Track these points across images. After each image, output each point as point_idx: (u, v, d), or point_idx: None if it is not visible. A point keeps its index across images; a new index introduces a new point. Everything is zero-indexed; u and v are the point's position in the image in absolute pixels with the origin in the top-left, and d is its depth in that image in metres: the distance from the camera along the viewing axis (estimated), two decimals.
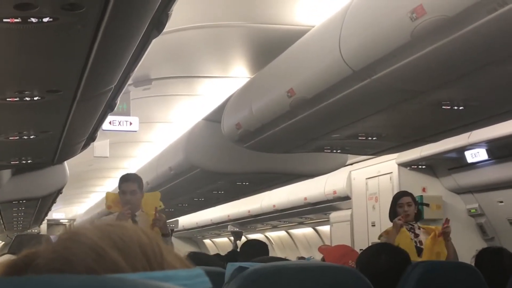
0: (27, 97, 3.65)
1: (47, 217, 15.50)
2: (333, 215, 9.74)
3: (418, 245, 4.82)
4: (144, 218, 4.38)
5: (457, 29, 3.07)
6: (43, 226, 19.23)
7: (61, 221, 21.13)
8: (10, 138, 4.79)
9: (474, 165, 7.11)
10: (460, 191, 7.68)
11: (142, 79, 6.27)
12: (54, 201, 10.60)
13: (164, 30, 3.26)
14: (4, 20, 2.53)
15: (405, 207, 4.93)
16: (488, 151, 6.80)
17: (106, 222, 0.70)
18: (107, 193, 4.86)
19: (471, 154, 6.96)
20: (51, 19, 2.55)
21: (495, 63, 3.47)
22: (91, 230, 0.66)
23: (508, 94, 4.13)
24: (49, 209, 11.98)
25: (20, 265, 0.66)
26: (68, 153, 6.15)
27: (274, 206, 11.31)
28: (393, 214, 4.97)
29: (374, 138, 5.42)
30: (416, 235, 4.89)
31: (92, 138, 5.82)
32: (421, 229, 4.97)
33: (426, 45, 3.29)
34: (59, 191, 8.93)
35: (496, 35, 3.07)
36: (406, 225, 4.89)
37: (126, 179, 4.51)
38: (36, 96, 3.65)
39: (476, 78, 3.73)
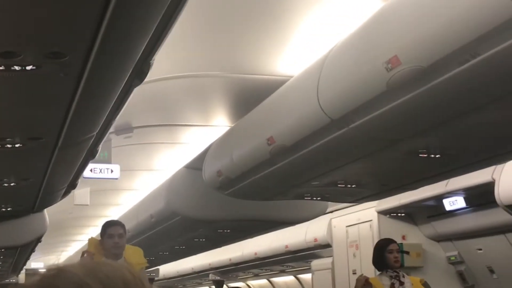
0: (9, 144, 3.67)
1: (25, 267, 15.27)
2: (315, 263, 9.72)
3: None
4: None
5: (431, 79, 3.16)
6: (21, 276, 18.91)
7: (40, 270, 20.79)
8: None
9: (452, 213, 7.16)
10: (439, 238, 7.72)
11: (124, 127, 6.31)
12: (33, 250, 10.46)
13: (146, 79, 3.32)
14: None
15: (395, 253, 4.96)
16: (465, 199, 6.87)
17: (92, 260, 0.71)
18: (91, 239, 4.84)
19: (449, 202, 7.02)
20: (34, 67, 2.60)
21: (470, 112, 3.55)
22: (77, 267, 0.68)
23: (484, 143, 4.22)
24: (27, 258, 11.81)
25: None
26: (49, 200, 6.13)
27: (255, 254, 11.26)
28: (381, 261, 4.96)
29: (353, 186, 5.48)
30: (401, 283, 4.90)
31: (73, 185, 5.82)
32: (405, 277, 4.98)
33: (402, 94, 3.37)
34: (38, 240, 8.82)
35: (470, 85, 3.16)
36: (391, 272, 4.90)
37: (113, 224, 4.55)
38: (17, 143, 3.68)
39: (451, 127, 3.81)
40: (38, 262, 20.14)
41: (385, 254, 4.95)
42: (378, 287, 4.78)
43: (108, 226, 4.50)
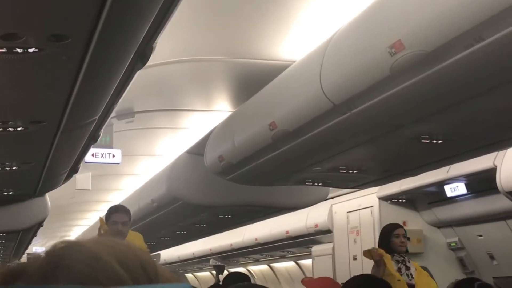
0: (11, 127, 3.67)
1: (27, 251, 15.32)
2: (315, 249, 9.75)
3: (410, 278, 4.89)
4: None
5: (435, 64, 3.15)
6: (23, 260, 18.96)
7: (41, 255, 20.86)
8: None
9: (453, 199, 7.17)
10: (440, 225, 7.74)
11: (126, 112, 6.31)
12: (34, 234, 10.49)
13: (148, 63, 3.31)
14: None
15: (401, 237, 5.00)
16: (467, 185, 6.88)
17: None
18: (102, 217, 4.79)
19: (451, 188, 7.03)
20: (36, 50, 2.59)
21: (473, 98, 3.54)
22: (89, 241, 0.64)
23: (486, 129, 4.21)
24: (29, 242, 11.84)
25: (8, 275, 0.63)
26: (50, 185, 6.14)
27: (256, 239, 11.30)
28: (387, 245, 4.99)
29: (355, 171, 5.48)
30: (407, 268, 4.95)
31: (74, 170, 5.83)
32: (410, 262, 5.04)
33: (405, 79, 3.36)
34: (39, 224, 8.84)
35: (473, 70, 3.15)
36: (398, 256, 4.94)
37: (117, 210, 4.53)
38: (19, 127, 3.67)
39: (454, 113, 3.80)
40: (40, 247, 20.20)
41: (391, 238, 4.99)
42: (390, 266, 4.81)
43: (113, 212, 4.49)
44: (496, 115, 3.86)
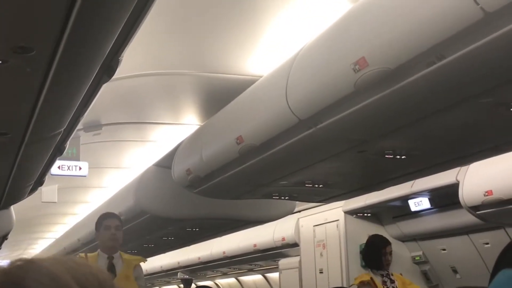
0: None
1: None
2: (282, 262, 9.77)
3: None
4: (120, 262, 4.34)
5: (398, 81, 3.20)
6: None
7: None
8: None
9: (417, 214, 7.26)
10: (404, 239, 7.82)
11: (93, 124, 6.28)
12: None
13: (116, 76, 3.32)
14: None
15: (388, 255, 5.08)
16: (430, 200, 6.96)
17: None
18: (82, 255, 4.58)
19: (415, 202, 7.11)
20: (0, 62, 2.59)
21: (435, 114, 3.61)
22: (46, 259, 0.64)
23: (448, 145, 4.29)
24: None
25: None
26: (15, 197, 6.07)
27: (224, 252, 11.28)
28: (375, 260, 5.06)
29: (320, 186, 5.53)
30: (392, 281, 5.04)
31: (40, 182, 5.78)
32: (393, 275, 5.14)
33: (369, 95, 3.41)
34: (4, 237, 8.73)
35: (435, 87, 3.21)
36: (383, 271, 5.02)
37: (110, 216, 4.52)
38: None
39: (417, 128, 3.87)
40: (4, 260, 19.88)
41: (382, 256, 5.06)
42: (379, 285, 4.90)
43: (105, 217, 4.46)
44: (458, 131, 3.94)
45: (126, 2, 2.40)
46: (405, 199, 7.03)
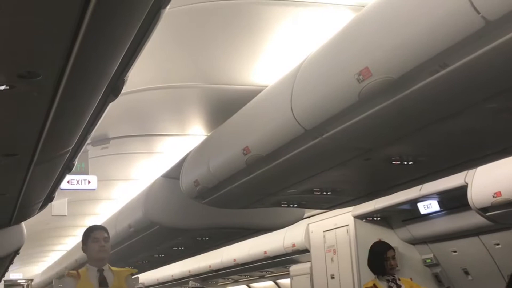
0: None
1: (3, 278, 15.13)
2: (293, 268, 9.77)
3: None
4: (110, 274, 4.36)
5: (401, 90, 3.22)
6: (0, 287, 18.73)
7: (18, 281, 20.62)
8: None
9: (427, 216, 7.25)
10: (415, 241, 7.81)
11: (100, 138, 6.32)
12: (11, 262, 10.40)
13: (122, 91, 3.34)
14: None
15: (391, 260, 5.08)
16: (439, 203, 6.96)
17: None
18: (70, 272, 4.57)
19: (424, 205, 7.11)
20: (7, 87, 2.61)
21: (439, 121, 3.62)
22: None
23: (453, 150, 4.30)
24: (6, 270, 11.72)
25: None
26: (26, 214, 6.11)
27: (234, 260, 11.29)
28: (378, 266, 5.08)
29: (329, 193, 5.54)
30: (398, 286, 5.05)
31: (50, 198, 5.81)
32: (400, 279, 5.14)
33: (373, 104, 3.42)
34: (16, 252, 8.78)
35: (438, 95, 3.23)
36: (388, 276, 5.03)
37: (97, 228, 4.51)
38: None
39: (422, 135, 3.88)
40: (17, 273, 19.96)
41: (384, 261, 5.07)
42: None
43: (92, 230, 4.46)
44: (463, 136, 3.95)
45: (131, 24, 2.42)
46: (414, 202, 7.03)
